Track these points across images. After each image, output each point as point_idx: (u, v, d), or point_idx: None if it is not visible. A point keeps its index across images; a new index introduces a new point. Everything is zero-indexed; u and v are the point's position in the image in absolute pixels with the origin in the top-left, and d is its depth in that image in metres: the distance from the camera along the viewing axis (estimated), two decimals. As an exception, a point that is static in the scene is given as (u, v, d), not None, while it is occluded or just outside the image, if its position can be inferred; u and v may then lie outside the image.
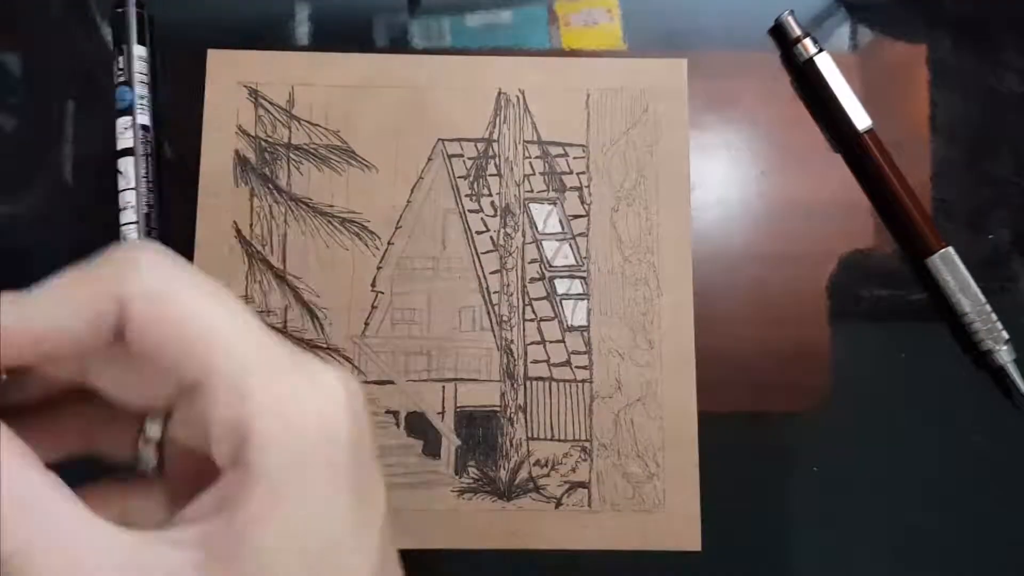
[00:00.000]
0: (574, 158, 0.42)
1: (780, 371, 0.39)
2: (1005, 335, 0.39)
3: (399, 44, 0.43)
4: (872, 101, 0.41)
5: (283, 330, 0.40)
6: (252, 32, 0.42)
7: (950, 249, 0.40)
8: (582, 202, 0.41)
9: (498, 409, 0.40)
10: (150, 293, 0.20)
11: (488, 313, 0.40)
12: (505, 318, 0.40)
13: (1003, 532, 0.33)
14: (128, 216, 0.40)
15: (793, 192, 0.42)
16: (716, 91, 0.42)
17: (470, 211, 0.41)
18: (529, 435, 0.40)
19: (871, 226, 0.41)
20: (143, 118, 0.40)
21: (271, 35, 0.42)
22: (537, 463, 0.39)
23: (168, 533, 0.20)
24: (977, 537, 0.39)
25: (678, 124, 0.42)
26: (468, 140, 0.42)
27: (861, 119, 0.41)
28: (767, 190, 0.42)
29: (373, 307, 0.40)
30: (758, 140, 0.42)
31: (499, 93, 0.42)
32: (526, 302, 0.41)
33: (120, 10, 0.41)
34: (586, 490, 0.39)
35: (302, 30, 0.42)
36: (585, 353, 0.40)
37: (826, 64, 0.41)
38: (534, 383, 0.40)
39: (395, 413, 0.40)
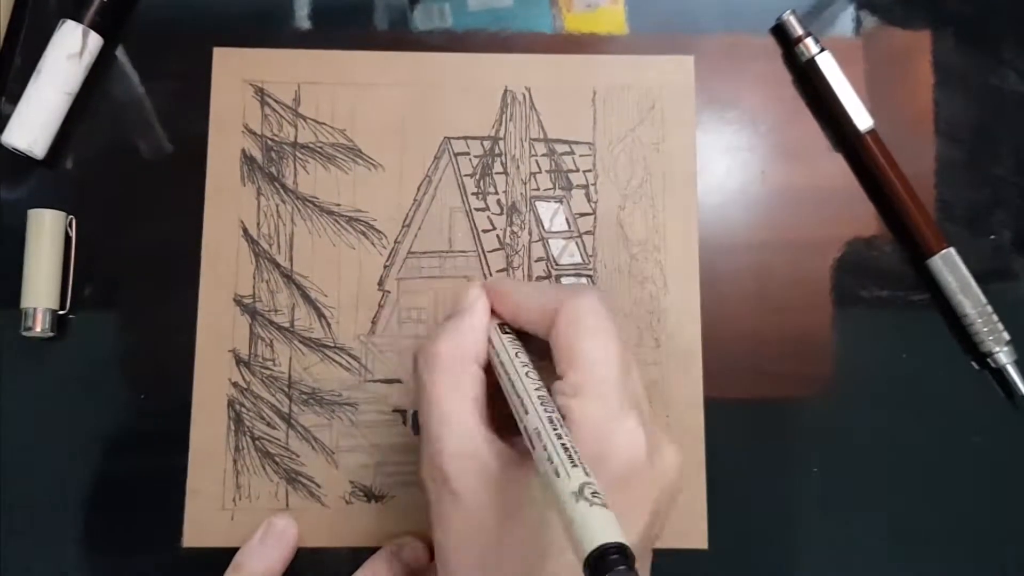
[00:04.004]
0: (580, 156, 0.42)
1: (782, 371, 0.40)
2: (1006, 336, 0.39)
3: (400, 28, 0.42)
4: (874, 101, 0.42)
5: (290, 329, 0.40)
6: (256, 29, 0.42)
7: (951, 250, 0.40)
8: (588, 200, 0.41)
9: (505, 406, 0.40)
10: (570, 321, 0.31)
11: (496, 312, 0.40)
12: (513, 317, 0.40)
13: (1003, 532, 0.33)
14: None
15: (794, 192, 0.42)
16: (717, 91, 0.42)
17: (476, 209, 0.41)
18: (536, 432, 0.40)
19: (872, 227, 0.41)
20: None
21: (274, 30, 0.42)
22: (544, 460, 0.40)
23: None
24: (977, 537, 0.39)
25: (685, 121, 0.42)
26: (474, 138, 0.41)
27: (863, 119, 0.41)
28: (768, 190, 0.42)
29: (380, 306, 0.40)
30: (759, 139, 0.42)
31: (505, 91, 0.42)
32: (533, 301, 0.41)
33: None
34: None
35: (302, 18, 0.42)
36: (592, 351, 0.40)
37: (828, 64, 0.41)
38: (540, 380, 0.40)
39: (402, 412, 0.40)
